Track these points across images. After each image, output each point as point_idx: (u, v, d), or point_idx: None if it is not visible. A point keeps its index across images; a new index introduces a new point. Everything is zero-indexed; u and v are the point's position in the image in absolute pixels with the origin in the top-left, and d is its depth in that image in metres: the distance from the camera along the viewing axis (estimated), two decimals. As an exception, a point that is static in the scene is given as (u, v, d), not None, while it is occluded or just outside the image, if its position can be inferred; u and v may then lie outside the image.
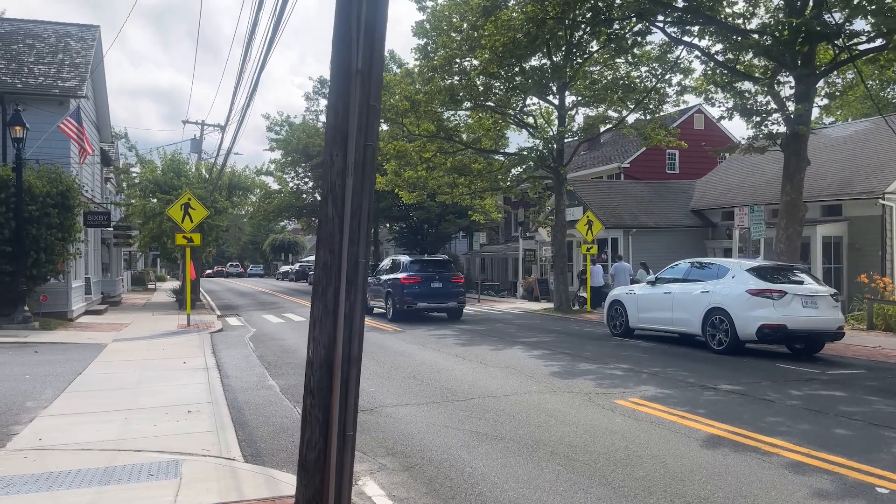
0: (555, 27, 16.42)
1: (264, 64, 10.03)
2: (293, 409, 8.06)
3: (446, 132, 24.54)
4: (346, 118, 3.29)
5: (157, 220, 24.30)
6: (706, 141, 34.43)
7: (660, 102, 23.25)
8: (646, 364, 11.18)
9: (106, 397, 8.54)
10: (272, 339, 15.44)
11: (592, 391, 8.84)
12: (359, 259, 3.30)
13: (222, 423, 7.07)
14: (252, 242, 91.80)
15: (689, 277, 13.72)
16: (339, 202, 3.28)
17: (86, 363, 11.16)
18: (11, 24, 21.33)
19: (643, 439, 6.50)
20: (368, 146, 3.29)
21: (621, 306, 15.22)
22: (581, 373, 10.32)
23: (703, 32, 18.62)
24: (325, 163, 3.39)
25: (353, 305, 3.32)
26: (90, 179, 22.79)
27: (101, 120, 24.56)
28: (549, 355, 12.25)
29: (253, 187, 30.86)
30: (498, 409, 7.79)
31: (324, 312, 3.34)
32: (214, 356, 12.34)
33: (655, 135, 23.30)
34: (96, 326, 17.33)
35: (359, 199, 3.25)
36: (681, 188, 30.11)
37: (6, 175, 15.58)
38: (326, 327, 3.31)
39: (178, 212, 17.99)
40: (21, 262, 15.33)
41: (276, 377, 10.26)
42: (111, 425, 7.01)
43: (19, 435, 6.63)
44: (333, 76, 3.38)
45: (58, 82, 18.47)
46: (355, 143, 3.24)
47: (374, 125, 3.31)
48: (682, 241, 26.53)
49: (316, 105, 47.30)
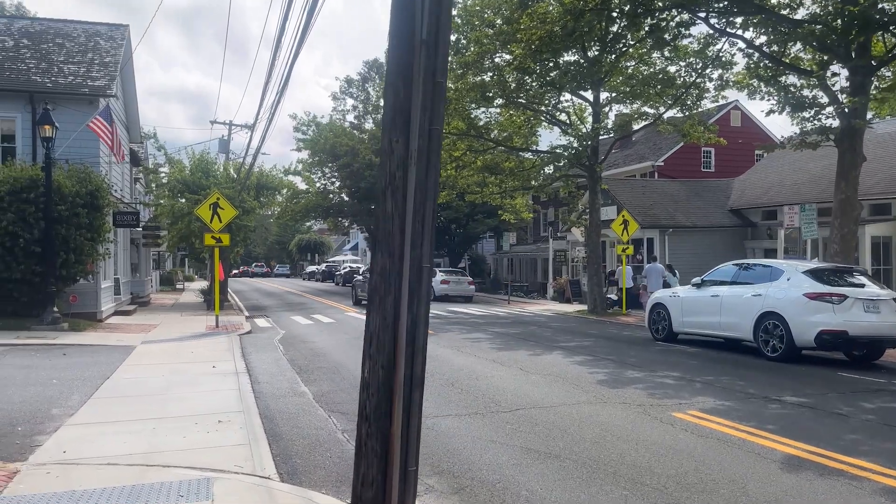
0: (593, 19, 15.80)
1: (296, 56, 9.62)
2: (328, 418, 7.62)
3: (476, 130, 24.01)
4: (409, 97, 2.80)
5: (186, 220, 24.16)
6: (743, 138, 33.47)
7: (698, 98, 22.48)
8: (697, 372, 10.53)
9: (133, 404, 8.17)
10: (302, 341, 15.06)
11: (646, 402, 8.25)
12: (422, 263, 2.81)
13: (255, 436, 6.63)
14: (279, 242, 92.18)
15: (739, 280, 13.02)
16: (399, 197, 2.80)
17: (114, 367, 10.85)
18: (41, 23, 21.30)
19: (714, 460, 5.91)
20: (434, 130, 2.80)
21: (664, 310, 14.55)
22: (629, 381, 9.72)
23: (747, 24, 17.84)
24: (382, 150, 2.90)
25: (417, 318, 2.83)
26: (119, 179, 22.70)
27: (131, 120, 24.48)
28: (592, 361, 11.66)
29: (281, 187, 30.64)
30: (547, 422, 7.25)
31: (382, 326, 2.86)
32: (244, 360, 11.98)
33: (694, 131, 22.53)
34: (125, 328, 17.13)
35: (423, 192, 2.77)
36: (718, 187, 29.21)
37: (35, 175, 15.41)
38: (385, 343, 2.83)
39: (206, 211, 17.73)
40: (50, 263, 15.14)
41: (308, 383, 9.84)
42: (139, 436, 6.62)
43: (43, 447, 6.26)
44: (392, 49, 2.89)
45: (87, 81, 18.32)
46: (419, 126, 2.75)
47: (440, 105, 2.82)
48: (721, 241, 25.69)
49: (343, 105, 47.16)
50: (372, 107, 45.56)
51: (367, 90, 46.30)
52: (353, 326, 18.26)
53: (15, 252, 14.94)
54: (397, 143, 2.81)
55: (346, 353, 12.90)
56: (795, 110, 15.44)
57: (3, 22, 21.28)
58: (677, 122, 22.86)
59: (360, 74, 46.62)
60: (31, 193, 15.18)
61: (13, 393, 8.63)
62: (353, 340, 14.88)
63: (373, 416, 2.88)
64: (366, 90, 46.29)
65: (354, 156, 40.27)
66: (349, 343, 14.48)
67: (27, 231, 15.01)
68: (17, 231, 14.91)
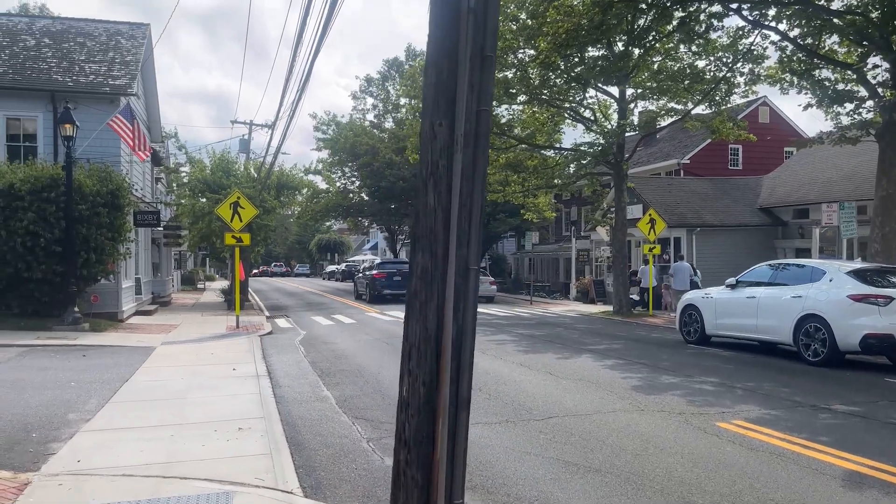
0: (621, 11, 15.31)
1: (318, 49, 9.31)
2: (352, 426, 7.29)
3: (499, 128, 23.61)
4: (453, 75, 2.44)
5: (207, 220, 24.06)
6: (772, 135, 32.69)
7: (727, 93, 21.86)
8: (736, 377, 10.05)
9: (152, 409, 7.91)
10: (323, 342, 14.78)
11: (686, 410, 7.81)
12: (469, 265, 2.45)
13: (276, 445, 6.31)
14: (299, 242, 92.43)
15: (777, 281, 12.48)
16: (442, 188, 2.44)
17: (133, 368, 10.63)
18: (63, 22, 21.28)
19: (768, 476, 5.48)
20: (482, 112, 2.44)
21: (696, 311, 14.04)
22: (666, 387, 9.28)
23: (780, 16, 17.25)
24: (423, 136, 2.54)
25: (463, 328, 2.47)
26: (140, 179, 22.62)
27: (152, 119, 24.41)
28: (624, 365, 11.21)
29: (301, 186, 30.48)
30: (583, 432, 6.85)
31: (423, 337, 2.50)
32: (265, 362, 11.71)
33: (723, 127, 21.91)
34: (145, 328, 16.99)
35: (469, 183, 2.41)
36: (746, 185, 28.50)
37: (56, 174, 15.31)
38: (427, 357, 2.47)
39: (227, 211, 17.53)
40: (71, 263, 15.02)
41: (330, 387, 9.53)
42: (156, 444, 6.34)
43: (57, 455, 6.00)
44: (435, 20, 2.53)
45: (108, 80, 18.22)
46: (465, 107, 2.39)
47: (489, 83, 2.47)
48: (750, 240, 25.03)
49: (363, 104, 46.99)
50: (392, 105, 45.31)
51: (386, 89, 46.07)
52: (375, 327, 17.96)
53: (36, 252, 14.83)
54: (440, 126, 2.45)
55: (368, 355, 12.60)
56: (834, 104, 14.82)
57: (25, 21, 21.30)
58: (706, 119, 22.26)
59: (380, 73, 46.42)
60: (52, 192, 15.07)
61: (30, 396, 8.42)
62: (375, 342, 14.58)
63: (413, 441, 2.52)
64: (385, 89, 46.06)
65: (374, 155, 40.05)
66: (371, 345, 14.18)
67: (48, 230, 14.90)
68: (38, 230, 14.80)
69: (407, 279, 2.72)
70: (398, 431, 2.63)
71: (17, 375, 9.82)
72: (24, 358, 11.49)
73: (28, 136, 17.60)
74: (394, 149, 39.14)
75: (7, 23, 20.35)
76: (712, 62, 20.85)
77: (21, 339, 13.40)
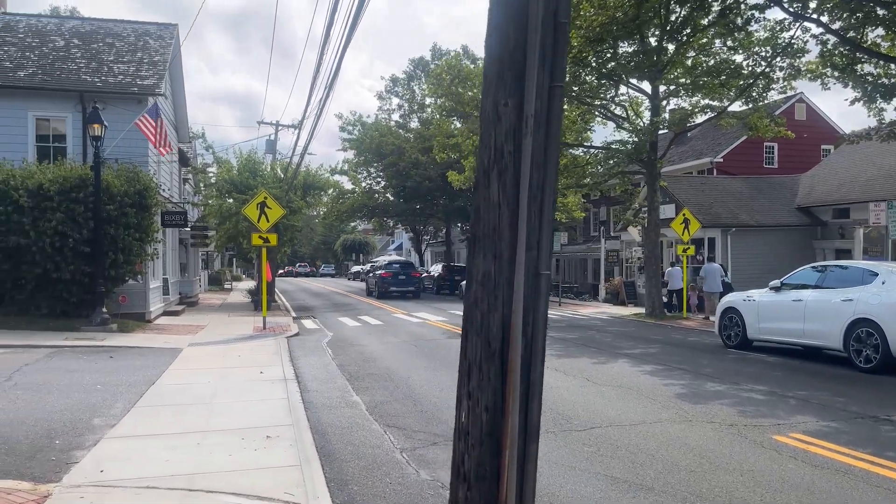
0: (657, 3, 14.79)
1: (349, 39, 9.01)
2: (384, 434, 6.97)
3: (528, 126, 23.12)
4: (521, 46, 2.08)
5: (234, 220, 24.01)
6: (808, 132, 31.77)
7: (765, 89, 21.15)
8: (786, 385, 9.52)
9: (178, 414, 7.67)
10: (350, 345, 14.51)
11: (738, 422, 7.34)
12: (539, 269, 2.09)
13: (306, 456, 6.00)
14: (324, 242, 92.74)
15: (825, 283, 11.88)
16: (508, 179, 2.08)
17: (160, 371, 10.45)
18: (92, 23, 21.33)
19: (838, 497, 5.03)
20: (555, 88, 2.09)
21: (737, 314, 13.48)
22: (712, 395, 8.80)
23: (822, 7, 16.60)
24: (484, 119, 2.19)
25: (533, 344, 2.11)
26: (168, 179, 22.62)
27: (180, 120, 24.43)
28: (664, 371, 10.74)
29: (327, 187, 30.34)
30: (630, 445, 6.44)
31: (486, 355, 2.14)
32: (292, 365, 11.45)
33: (761, 124, 21.21)
34: (172, 328, 16.88)
35: (540, 173, 2.06)
36: (783, 184, 27.66)
37: (84, 174, 15.26)
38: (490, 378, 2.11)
39: (254, 211, 17.37)
40: (99, 263, 14.95)
41: (359, 392, 9.23)
42: (182, 453, 6.07)
43: (80, 464, 5.76)
44: None
45: (136, 80, 18.18)
46: (536, 83, 2.03)
47: (562, 54, 2.10)
48: (788, 241, 24.25)
49: (388, 104, 46.80)
50: (417, 105, 45.04)
51: (412, 89, 45.81)
52: (403, 329, 17.66)
53: (64, 252, 14.79)
54: (505, 106, 2.09)
55: (396, 359, 12.29)
56: (884, 98, 14.14)
57: (55, 22, 21.41)
58: (742, 115, 21.58)
59: (405, 73, 46.15)
60: (81, 193, 15.03)
61: (55, 400, 8.24)
62: (403, 345, 14.28)
63: (474, 477, 2.15)
64: (411, 89, 45.80)
65: (400, 155, 39.82)
66: (399, 347, 13.87)
67: (76, 231, 14.86)
68: (67, 231, 14.76)
69: (466, 286, 2.35)
70: (455, 464, 2.26)
71: (45, 378, 9.68)
72: (52, 359, 11.39)
73: (57, 136, 17.63)
74: (419, 148, 38.86)
75: (37, 23, 20.46)
76: (749, 57, 20.17)
77: (49, 339, 13.34)
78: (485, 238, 2.14)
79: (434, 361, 11.87)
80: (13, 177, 14.82)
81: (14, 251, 14.53)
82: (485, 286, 2.14)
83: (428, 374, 10.49)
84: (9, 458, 5.88)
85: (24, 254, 14.56)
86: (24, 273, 14.74)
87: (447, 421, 7.45)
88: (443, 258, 50.47)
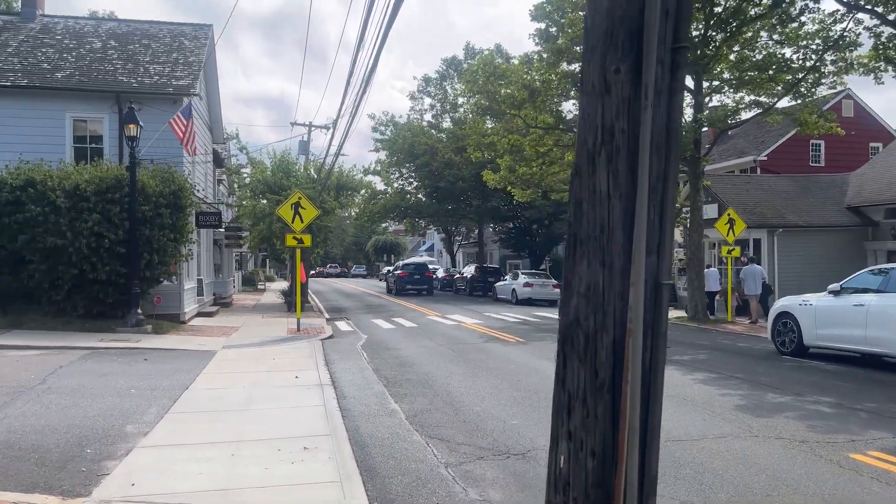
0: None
1: (391, 25, 8.65)
2: (426, 447, 6.57)
3: (565, 124, 22.59)
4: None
5: (267, 221, 23.92)
6: (856, 129, 30.53)
7: (814, 84, 20.31)
8: (853, 396, 8.88)
9: (211, 422, 7.38)
10: (386, 348, 14.17)
11: (809, 438, 6.77)
12: (660, 278, 1.67)
13: (346, 471, 5.63)
14: (355, 243, 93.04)
15: (889, 287, 11.15)
16: (621, 166, 1.64)
17: (194, 375, 10.22)
18: (128, 25, 21.41)
19: (943, 530, 4.47)
20: (680, 51, 1.66)
21: (792, 320, 12.78)
22: (775, 408, 8.21)
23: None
24: (585, 90, 1.75)
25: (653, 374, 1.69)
26: (202, 179, 22.60)
27: (214, 120, 24.43)
28: (719, 380, 10.14)
29: (360, 187, 30.14)
30: (693, 462, 5.93)
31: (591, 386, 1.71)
32: (327, 369, 11.14)
33: (810, 120, 20.34)
34: (207, 330, 16.75)
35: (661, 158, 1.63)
36: (831, 182, 26.56)
37: (120, 174, 15.20)
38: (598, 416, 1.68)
39: (288, 211, 17.16)
40: (134, 264, 14.87)
41: (398, 399, 8.85)
42: (215, 465, 5.76)
43: (110, 475, 5.48)
44: None
45: (171, 81, 18.13)
46: (656, 44, 1.60)
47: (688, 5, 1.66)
48: (837, 242, 23.24)
49: (420, 104, 46.59)
50: (450, 105, 44.70)
51: (444, 88, 45.49)
52: (438, 332, 17.28)
53: (100, 253, 14.73)
54: (617, 73, 1.65)
55: (434, 363, 11.90)
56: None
57: (92, 24, 21.53)
58: (791, 111, 20.73)
59: (437, 73, 45.88)
60: (116, 193, 14.96)
61: (88, 405, 8.03)
62: (439, 348, 13.89)
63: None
64: (443, 88, 45.49)
65: (433, 155, 39.51)
66: (436, 351, 13.48)
67: (112, 231, 14.79)
68: (103, 231, 14.70)
69: (562, 299, 1.93)
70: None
71: (79, 381, 9.52)
72: (87, 361, 11.26)
73: (94, 137, 17.65)
74: (452, 148, 38.50)
75: (74, 25, 20.58)
76: (799, 50, 19.35)
77: (85, 341, 13.27)
78: (589, 240, 1.70)
79: (473, 367, 11.45)
80: (50, 177, 14.82)
81: (51, 252, 14.52)
82: (590, 300, 1.70)
83: (468, 381, 10.07)
84: (38, 468, 5.64)
85: (61, 254, 14.54)
86: (61, 273, 14.72)
87: (492, 433, 7.04)
88: (475, 259, 50.02)
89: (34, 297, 15.12)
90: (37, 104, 17.03)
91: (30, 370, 10.13)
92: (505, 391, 9.29)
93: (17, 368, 10.29)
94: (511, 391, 9.29)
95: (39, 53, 18.46)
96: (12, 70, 17.39)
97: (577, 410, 1.73)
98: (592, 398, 1.71)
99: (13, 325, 14.49)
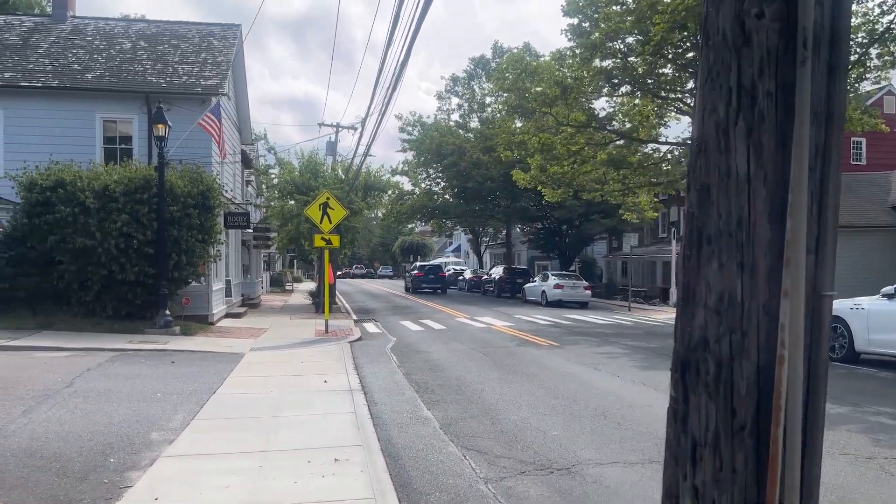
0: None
1: (422, 19, 8.31)
2: (463, 459, 6.20)
3: (598, 122, 22.05)
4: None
5: (295, 222, 23.78)
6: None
7: (858, 79, 19.57)
8: (916, 408, 8.31)
9: (239, 430, 7.10)
10: (415, 351, 13.85)
11: (875, 453, 6.27)
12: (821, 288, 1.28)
13: (381, 487, 5.29)
14: (382, 244, 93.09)
15: (950, 290, 10.52)
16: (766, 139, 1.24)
17: (221, 378, 9.99)
18: (158, 25, 21.43)
19: None
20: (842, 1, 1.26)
21: (842, 325, 12.16)
22: (834, 419, 7.68)
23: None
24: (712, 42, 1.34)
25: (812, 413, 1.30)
26: (231, 180, 22.54)
27: (242, 121, 24.39)
28: (767, 388, 9.61)
29: (387, 187, 29.91)
30: (753, 481, 5.47)
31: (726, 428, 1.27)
32: (357, 373, 10.84)
33: (854, 116, 19.59)
34: (235, 332, 16.60)
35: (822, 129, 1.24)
36: (873, 181, 25.64)
37: (149, 175, 15.12)
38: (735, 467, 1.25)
39: (316, 212, 16.94)
40: (162, 265, 14.76)
41: (430, 406, 8.50)
42: (242, 477, 5.46)
43: (133, 488, 5.21)
44: None
45: (200, 80, 18.06)
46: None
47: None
48: (881, 242, 22.40)
49: (447, 104, 46.49)
50: (477, 105, 44.30)
51: (472, 88, 45.11)
52: (467, 334, 16.91)
53: (129, 253, 14.65)
54: (759, 18, 1.24)
55: (465, 368, 11.53)
56: None
57: (122, 25, 21.60)
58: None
59: (465, 72, 45.51)
60: (145, 194, 14.87)
61: (114, 410, 7.82)
62: (470, 352, 13.53)
63: None
64: (471, 88, 45.11)
65: (461, 155, 39.15)
66: (467, 355, 13.12)
67: (141, 232, 14.70)
68: (132, 232, 14.62)
69: (681, 314, 1.53)
70: None
71: (105, 384, 9.34)
72: (114, 364, 11.11)
73: (124, 138, 17.64)
74: (481, 148, 38.10)
75: (104, 26, 20.65)
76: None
77: (113, 342, 13.16)
78: (720, 237, 1.30)
79: (506, 372, 11.06)
80: (80, 178, 14.78)
81: (81, 252, 14.47)
82: (723, 316, 1.30)
83: (502, 388, 9.69)
84: (59, 479, 5.39)
85: (90, 255, 14.49)
86: (91, 274, 14.67)
87: (532, 445, 6.65)
88: (503, 260, 49.56)
89: (63, 297, 15.09)
90: (67, 105, 17.06)
91: (57, 372, 9.99)
92: (542, 399, 8.89)
93: (45, 370, 10.17)
94: (549, 399, 8.89)
95: (70, 55, 18.52)
96: (43, 71, 17.45)
97: (706, 460, 1.33)
98: (728, 445, 1.31)
99: (43, 326, 14.46)
